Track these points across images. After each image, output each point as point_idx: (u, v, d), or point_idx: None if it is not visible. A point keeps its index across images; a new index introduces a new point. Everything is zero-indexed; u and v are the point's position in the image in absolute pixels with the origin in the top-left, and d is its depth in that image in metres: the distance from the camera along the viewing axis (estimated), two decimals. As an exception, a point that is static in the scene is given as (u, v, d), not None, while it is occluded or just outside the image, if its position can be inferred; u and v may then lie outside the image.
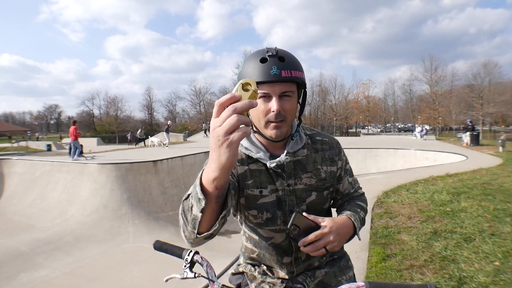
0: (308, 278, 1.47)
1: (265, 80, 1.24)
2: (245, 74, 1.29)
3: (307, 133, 1.52)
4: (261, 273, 1.51)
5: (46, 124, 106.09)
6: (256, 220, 1.43)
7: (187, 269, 1.34)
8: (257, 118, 1.33)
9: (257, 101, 0.84)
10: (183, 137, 35.96)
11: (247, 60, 1.32)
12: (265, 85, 1.26)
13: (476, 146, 20.84)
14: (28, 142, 40.50)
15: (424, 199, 7.41)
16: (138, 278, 6.28)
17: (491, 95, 48.91)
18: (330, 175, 1.48)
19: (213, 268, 1.36)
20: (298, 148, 1.43)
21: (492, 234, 5.01)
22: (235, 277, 1.62)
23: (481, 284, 3.58)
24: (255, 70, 1.26)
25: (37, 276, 6.64)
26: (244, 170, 1.41)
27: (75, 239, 8.58)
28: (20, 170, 13.77)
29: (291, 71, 1.26)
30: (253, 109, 1.26)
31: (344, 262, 1.60)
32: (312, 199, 1.44)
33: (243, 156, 1.42)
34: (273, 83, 1.25)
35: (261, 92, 1.27)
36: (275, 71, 1.24)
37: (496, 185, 8.30)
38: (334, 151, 1.52)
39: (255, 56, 1.30)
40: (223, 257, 6.23)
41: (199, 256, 1.35)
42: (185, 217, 1.09)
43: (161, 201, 11.18)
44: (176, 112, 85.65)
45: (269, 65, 1.25)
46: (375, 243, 5.15)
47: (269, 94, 1.27)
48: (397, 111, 79.85)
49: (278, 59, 1.26)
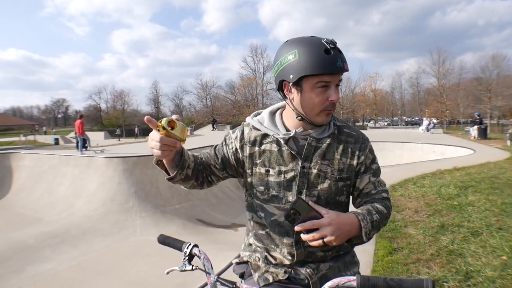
0: (311, 271, 1.46)
1: (333, 72, 1.31)
2: (308, 63, 1.31)
3: (337, 123, 1.54)
4: (265, 262, 1.53)
5: (54, 118, 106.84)
6: (263, 196, 1.50)
7: (186, 262, 1.43)
8: (310, 107, 1.38)
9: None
10: (190, 130, 36.07)
11: (305, 51, 1.32)
12: (327, 76, 1.32)
13: (483, 139, 20.74)
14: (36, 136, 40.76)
15: (431, 192, 7.38)
16: (143, 271, 6.31)
17: (499, 88, 48.58)
18: (348, 168, 1.48)
19: (210, 261, 1.42)
20: (323, 136, 1.47)
21: (500, 228, 4.98)
22: (239, 267, 1.65)
23: (488, 278, 3.56)
24: (321, 61, 1.30)
25: (44, 269, 6.68)
26: (254, 151, 1.51)
27: (81, 232, 8.63)
28: (28, 164, 13.87)
29: (346, 64, 1.34)
30: (308, 98, 1.37)
31: (350, 258, 1.59)
32: (324, 187, 1.44)
33: (258, 138, 1.51)
34: (334, 75, 1.33)
35: (322, 82, 1.33)
36: (340, 63, 1.31)
37: (504, 179, 8.25)
38: (358, 145, 1.52)
39: (316, 47, 1.32)
40: (228, 250, 6.26)
41: (198, 249, 1.42)
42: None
43: (168, 195, 11.20)
44: (183, 105, 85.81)
45: (334, 57, 1.30)
46: (381, 236, 5.14)
47: (330, 84, 1.34)
48: (404, 104, 79.58)
49: (339, 52, 1.33)
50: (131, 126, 58.72)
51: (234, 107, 65.30)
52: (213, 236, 9.05)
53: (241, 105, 64.72)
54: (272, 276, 1.48)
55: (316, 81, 1.32)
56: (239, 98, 68.30)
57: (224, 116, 63.89)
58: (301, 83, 1.35)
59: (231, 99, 69.66)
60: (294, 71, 1.33)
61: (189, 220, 10.03)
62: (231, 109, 65.40)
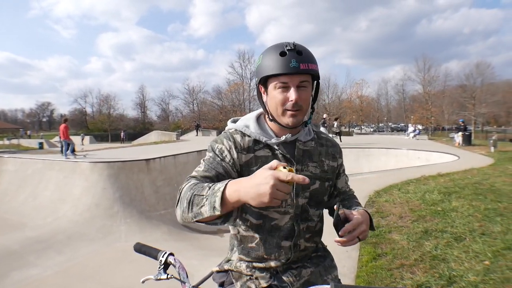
0: (293, 277, 1.48)
1: (285, 72, 1.34)
2: (265, 67, 1.39)
3: (314, 129, 1.64)
4: (250, 267, 1.51)
5: (38, 122, 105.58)
6: None
7: (161, 270, 1.43)
8: (274, 106, 1.42)
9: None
10: (176, 135, 35.88)
11: (266, 54, 1.42)
12: (284, 77, 1.36)
13: (468, 146, 20.95)
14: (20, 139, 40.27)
15: (415, 198, 7.45)
16: (130, 277, 6.26)
17: (484, 96, 49.42)
18: (331, 169, 1.61)
19: (185, 270, 1.42)
20: (308, 140, 1.56)
21: (483, 233, 5.04)
22: (219, 275, 1.63)
23: (471, 283, 3.60)
24: (275, 63, 1.36)
25: (29, 274, 6.60)
26: (250, 157, 1.48)
27: (67, 237, 8.55)
28: (12, 168, 13.69)
29: (308, 64, 1.36)
30: (272, 98, 1.42)
31: (329, 262, 1.63)
32: (315, 187, 1.53)
33: (250, 144, 1.49)
34: (291, 75, 1.36)
35: (280, 83, 1.37)
36: (294, 64, 1.34)
37: (487, 184, 8.35)
38: (335, 149, 1.67)
39: (274, 50, 1.39)
40: (215, 256, 6.24)
41: (173, 257, 1.42)
42: (190, 206, 1.19)
43: (153, 200, 11.15)
44: (170, 110, 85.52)
45: (288, 59, 1.34)
46: (366, 242, 5.17)
47: (288, 84, 1.37)
48: (390, 110, 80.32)
49: (296, 53, 1.36)
50: (117, 131, 58.33)
51: (221, 112, 65.07)
52: (199, 242, 9.00)
53: (228, 110, 64.51)
54: (255, 284, 1.48)
55: (275, 82, 1.38)
56: (226, 103, 68.09)
57: (210, 121, 63.68)
58: (267, 85, 1.43)
59: (218, 104, 69.45)
60: (257, 73, 1.44)
61: (175, 226, 9.98)
62: (217, 114, 65.17)
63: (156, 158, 12.87)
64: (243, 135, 1.51)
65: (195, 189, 1.21)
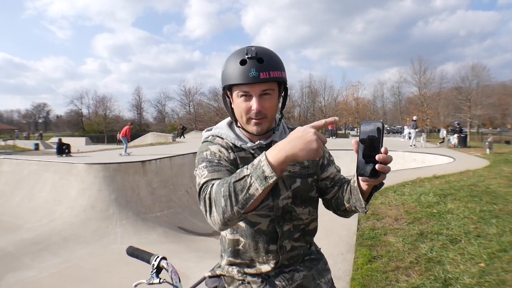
0: (285, 281, 1.47)
1: (244, 82, 1.31)
2: (227, 75, 1.36)
3: (289, 127, 1.60)
4: (241, 272, 1.50)
5: (34, 123, 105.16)
6: None
7: (154, 275, 1.43)
8: (239, 115, 1.40)
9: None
10: (172, 137, 35.78)
11: (229, 61, 1.38)
12: (245, 86, 1.33)
13: (463, 148, 21.01)
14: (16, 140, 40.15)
15: (411, 200, 7.46)
16: (125, 279, 6.24)
17: (479, 98, 49.60)
18: (312, 163, 1.54)
19: (178, 274, 1.42)
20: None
21: (478, 235, 5.06)
22: (211, 280, 1.61)
23: (466, 285, 3.61)
24: (235, 72, 1.33)
25: (24, 276, 6.58)
26: (234, 157, 1.45)
27: (62, 239, 8.51)
28: (7, 169, 13.60)
29: (269, 72, 1.32)
30: (236, 107, 1.40)
31: (322, 265, 1.62)
32: (297, 185, 1.48)
33: (231, 145, 1.47)
34: (252, 84, 1.32)
35: (242, 92, 1.34)
36: (253, 73, 1.30)
37: (482, 186, 8.37)
38: None
39: (235, 57, 1.36)
40: (211, 258, 6.22)
41: (166, 261, 1.41)
42: (232, 198, 1.06)
43: (149, 202, 11.12)
44: (166, 112, 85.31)
45: (248, 68, 1.30)
46: (361, 244, 5.18)
47: (250, 93, 1.34)
48: (386, 112, 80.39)
49: (257, 61, 1.31)
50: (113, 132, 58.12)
51: (217, 114, 64.91)
52: (195, 244, 8.98)
53: (225, 112, 64.16)
54: None
55: (237, 91, 1.36)
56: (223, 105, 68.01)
57: (207, 123, 63.50)
58: (231, 92, 1.41)
59: (215, 106, 69.35)
60: (222, 80, 1.41)
61: (171, 228, 9.96)
62: (214, 116, 65.04)
63: (152, 160, 12.83)
64: (222, 139, 1.50)
65: (227, 181, 1.09)
